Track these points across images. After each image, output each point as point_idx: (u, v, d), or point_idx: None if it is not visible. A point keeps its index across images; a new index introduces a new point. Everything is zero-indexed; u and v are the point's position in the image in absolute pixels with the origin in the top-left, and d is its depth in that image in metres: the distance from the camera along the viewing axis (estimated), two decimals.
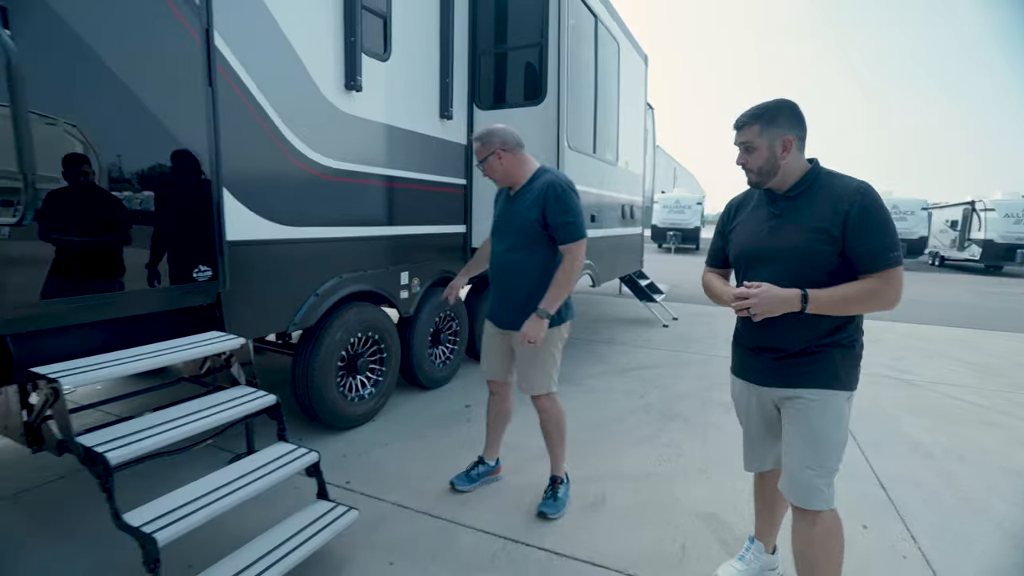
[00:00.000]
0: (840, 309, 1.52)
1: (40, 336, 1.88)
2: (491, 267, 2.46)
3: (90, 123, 1.93)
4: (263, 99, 2.54)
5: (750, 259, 1.69)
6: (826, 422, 1.59)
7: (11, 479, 2.63)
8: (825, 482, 1.58)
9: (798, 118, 1.58)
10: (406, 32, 3.46)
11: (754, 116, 1.60)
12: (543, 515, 2.39)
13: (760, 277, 1.59)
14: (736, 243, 1.75)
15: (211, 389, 2.39)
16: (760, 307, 1.54)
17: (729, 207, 1.85)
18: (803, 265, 1.54)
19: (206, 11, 2.24)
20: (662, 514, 2.47)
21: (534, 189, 2.28)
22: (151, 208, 2.15)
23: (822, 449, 1.58)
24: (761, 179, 1.63)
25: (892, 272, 1.48)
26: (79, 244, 1.95)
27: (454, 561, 2.11)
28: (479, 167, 2.40)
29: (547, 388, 2.40)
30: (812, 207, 1.55)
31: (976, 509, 2.56)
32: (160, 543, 1.60)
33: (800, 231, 1.56)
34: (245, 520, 2.19)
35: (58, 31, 1.80)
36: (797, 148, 1.59)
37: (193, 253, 2.31)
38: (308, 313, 2.90)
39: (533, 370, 2.37)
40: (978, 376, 4.93)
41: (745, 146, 1.62)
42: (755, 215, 1.70)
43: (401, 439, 3.23)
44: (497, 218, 2.47)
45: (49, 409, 1.79)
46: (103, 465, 1.67)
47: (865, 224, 1.48)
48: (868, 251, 1.48)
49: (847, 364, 1.59)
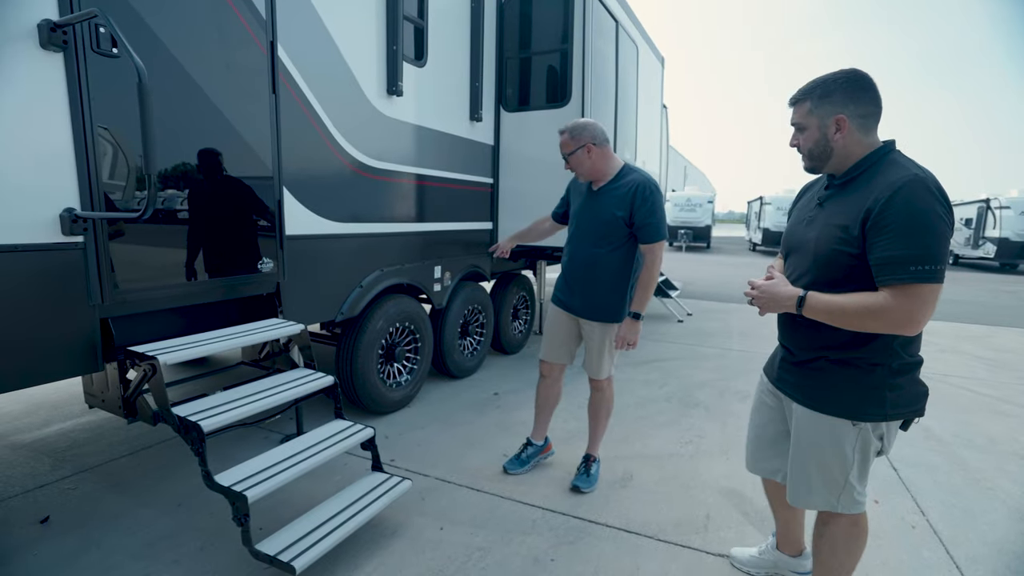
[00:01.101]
0: (836, 321, 1.32)
1: (134, 319, 2.11)
2: (570, 258, 2.55)
3: (174, 130, 2.16)
4: (317, 104, 2.75)
5: (787, 248, 1.58)
6: (820, 449, 1.45)
7: (86, 455, 2.88)
8: (833, 492, 1.46)
9: (859, 92, 1.35)
10: (440, 39, 3.67)
11: (806, 92, 1.41)
12: (576, 488, 2.59)
13: (790, 268, 1.51)
14: (786, 228, 1.63)
15: (270, 371, 2.62)
16: (760, 302, 1.45)
17: (802, 189, 1.68)
18: (821, 263, 1.38)
19: (271, 25, 2.46)
20: (686, 489, 2.66)
21: (622, 187, 2.37)
22: (224, 207, 2.38)
23: (820, 473, 1.47)
24: (814, 163, 1.45)
25: (909, 289, 1.21)
26: (165, 239, 2.18)
27: (498, 527, 2.31)
28: (565, 159, 2.44)
29: (609, 372, 2.61)
30: (851, 199, 1.34)
31: (983, 488, 2.72)
32: (250, 500, 1.82)
33: (827, 226, 1.38)
34: (303, 492, 2.42)
35: (151, 46, 2.02)
36: (857, 128, 1.35)
37: (258, 247, 2.53)
38: (353, 303, 3.12)
39: (601, 357, 2.54)
40: (990, 369, 5.06)
41: (797, 126, 1.45)
42: (809, 202, 1.54)
43: (437, 422, 3.44)
44: (579, 211, 2.53)
45: (146, 384, 2.01)
46: (197, 432, 1.88)
47: (885, 225, 1.23)
48: (884, 259, 1.24)
49: (856, 389, 1.38)
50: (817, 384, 1.46)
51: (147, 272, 2.11)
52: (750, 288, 1.48)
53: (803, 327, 1.44)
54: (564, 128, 2.43)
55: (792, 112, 1.47)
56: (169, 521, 2.29)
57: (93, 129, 1.84)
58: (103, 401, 2.18)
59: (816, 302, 1.35)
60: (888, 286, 1.25)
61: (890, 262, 1.23)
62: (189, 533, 2.21)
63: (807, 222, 1.49)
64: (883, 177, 1.30)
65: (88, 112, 1.82)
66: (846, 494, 1.47)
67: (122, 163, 1.96)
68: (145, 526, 2.26)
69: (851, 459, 1.44)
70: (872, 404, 1.39)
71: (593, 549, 2.17)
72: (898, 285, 1.23)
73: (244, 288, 2.52)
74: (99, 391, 2.19)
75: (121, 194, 1.95)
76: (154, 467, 2.77)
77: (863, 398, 1.39)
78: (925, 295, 1.22)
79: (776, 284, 1.43)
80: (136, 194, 1.98)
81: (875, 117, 1.37)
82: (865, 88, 1.35)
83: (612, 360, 2.58)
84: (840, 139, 1.38)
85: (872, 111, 1.36)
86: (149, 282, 2.12)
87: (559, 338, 2.67)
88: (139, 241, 2.08)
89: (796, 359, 1.53)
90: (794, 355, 1.54)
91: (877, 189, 1.28)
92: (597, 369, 2.58)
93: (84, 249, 1.88)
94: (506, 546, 2.18)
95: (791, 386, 1.56)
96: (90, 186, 1.85)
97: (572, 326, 2.63)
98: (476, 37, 4.03)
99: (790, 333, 1.54)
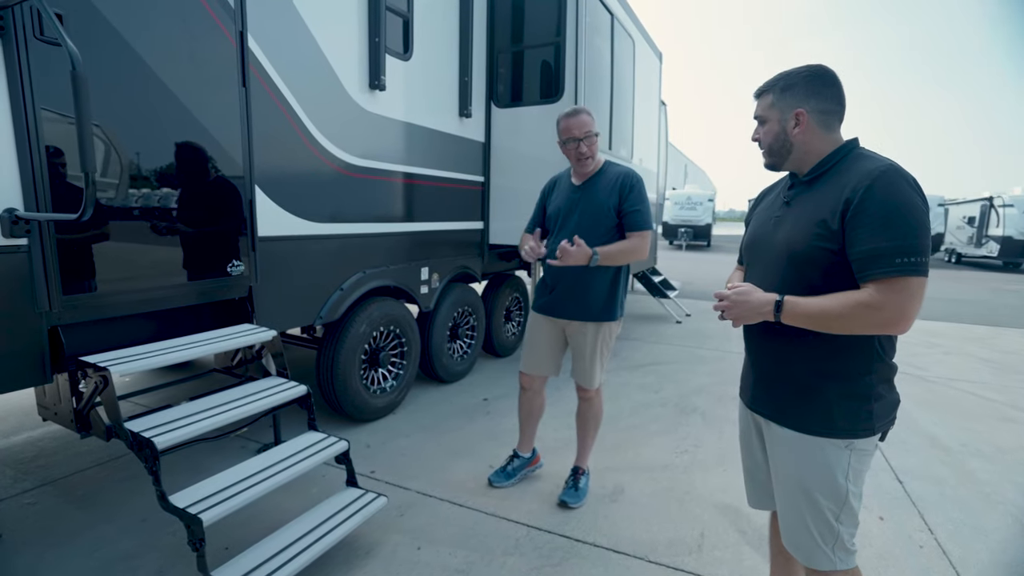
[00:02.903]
0: (820, 325, 1.21)
1: (87, 327, 1.97)
2: (553, 256, 2.30)
3: (132, 124, 2.02)
4: (292, 99, 2.62)
5: (752, 254, 1.47)
6: (809, 472, 1.30)
7: (51, 466, 2.75)
8: (826, 539, 1.31)
9: (821, 87, 1.30)
10: (427, 32, 3.52)
11: (769, 85, 1.36)
12: (564, 504, 2.45)
13: (754, 276, 1.39)
14: (746, 235, 1.53)
15: (242, 380, 2.48)
16: (733, 312, 1.31)
17: (759, 195, 1.61)
18: (797, 264, 1.28)
19: (240, 14, 2.32)
20: (680, 504, 2.52)
21: (609, 178, 2.33)
22: (190, 206, 2.24)
23: (811, 509, 1.31)
24: (773, 159, 1.39)
25: (896, 283, 1.12)
26: (123, 240, 2.04)
27: (479, 546, 2.18)
28: (577, 142, 2.28)
29: (600, 380, 2.46)
30: (823, 194, 1.27)
31: (993, 502, 2.59)
32: (205, 523, 1.68)
33: (800, 223, 1.29)
34: (276, 507, 2.29)
35: (105, 36, 1.88)
36: (817, 123, 1.30)
37: (227, 249, 2.39)
38: (333, 307, 2.98)
39: (593, 364, 2.40)
40: (995, 373, 4.92)
41: (759, 119, 1.40)
42: (772, 203, 1.46)
43: (422, 430, 3.30)
44: (565, 207, 2.39)
45: (98, 396, 1.88)
46: (150, 449, 1.75)
47: (865, 216, 1.15)
48: (866, 252, 1.15)
49: (844, 402, 1.27)
50: (800, 400, 1.32)
51: (103, 277, 1.97)
52: (718, 300, 1.34)
53: (780, 337, 1.31)
54: (580, 109, 2.34)
55: (755, 105, 1.41)
56: (130, 540, 2.16)
57: (38, 123, 1.71)
58: (56, 414, 2.05)
59: (795, 306, 1.23)
60: (873, 280, 1.15)
61: (874, 255, 1.15)
62: (150, 554, 2.08)
63: (774, 223, 1.39)
64: (856, 169, 1.23)
65: (32, 104, 1.69)
66: (840, 543, 1.30)
67: (74, 160, 1.82)
68: (105, 544, 2.13)
69: (843, 489, 1.28)
70: (862, 418, 1.27)
71: (579, 571, 2.03)
72: (884, 279, 1.14)
73: (212, 292, 2.39)
74: (52, 403, 2.06)
75: (72, 194, 1.81)
76: (123, 478, 2.64)
77: (852, 412, 1.27)
78: (913, 289, 1.13)
79: (747, 291, 1.30)
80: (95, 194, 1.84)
81: (836, 114, 1.32)
82: (827, 84, 1.30)
83: (604, 367, 2.44)
84: (799, 134, 1.32)
85: (833, 108, 1.31)
86: (106, 287, 1.98)
87: (543, 348, 2.52)
88: (93, 244, 1.94)
89: (773, 374, 1.39)
90: (770, 370, 1.40)
91: (854, 179, 1.20)
92: (589, 377, 2.43)
93: (29, 252, 1.74)
94: (486, 567, 2.05)
95: (769, 406, 1.40)
96: (34, 185, 1.72)
97: (557, 334, 2.49)
98: (465, 30, 3.88)
99: (764, 345, 1.40)
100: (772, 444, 1.41)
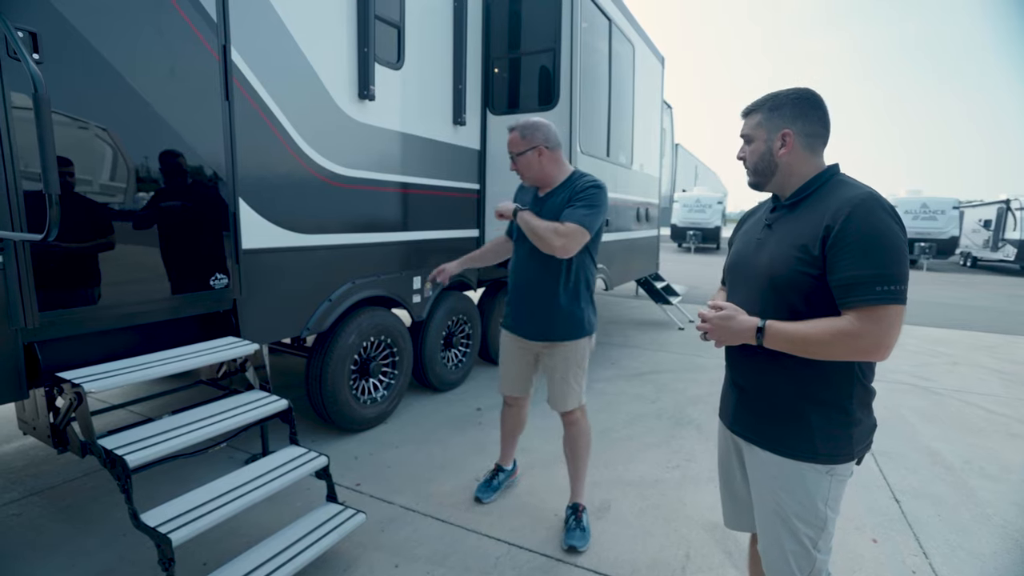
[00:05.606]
0: (801, 350, 1.22)
1: (65, 342, 1.97)
2: (515, 274, 2.34)
3: (112, 138, 2.02)
4: (278, 111, 2.61)
5: (734, 275, 1.48)
6: (790, 498, 1.29)
7: (40, 475, 2.76)
8: (803, 567, 1.30)
9: (809, 110, 1.31)
10: (419, 40, 3.51)
11: (758, 104, 1.37)
12: (573, 549, 2.22)
13: (737, 298, 1.40)
14: (729, 257, 1.54)
15: (227, 392, 2.47)
16: (715, 335, 1.32)
17: (742, 217, 1.63)
18: (779, 289, 1.28)
19: (223, 28, 2.32)
20: (667, 522, 2.47)
21: (574, 188, 2.19)
22: (171, 219, 2.23)
23: (785, 529, 1.31)
24: (757, 178, 1.40)
25: (875, 312, 1.13)
26: (102, 254, 2.04)
27: (458, 564, 2.15)
28: (512, 159, 2.25)
29: (579, 401, 2.33)
30: (804, 219, 1.28)
31: (994, 526, 2.50)
32: (175, 543, 1.67)
33: (781, 247, 1.29)
34: (257, 520, 2.28)
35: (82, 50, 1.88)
36: (802, 146, 1.31)
37: (210, 262, 2.39)
38: (321, 318, 2.97)
39: (565, 385, 2.29)
40: (1005, 384, 4.78)
41: (745, 138, 1.40)
42: (754, 226, 1.46)
43: (412, 441, 3.28)
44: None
45: (73, 413, 1.88)
46: (122, 467, 1.74)
47: (845, 244, 1.16)
48: (846, 279, 1.16)
49: (826, 426, 1.27)
50: (781, 424, 1.32)
51: (82, 292, 1.97)
52: (701, 321, 1.35)
53: (762, 360, 1.31)
54: (514, 126, 2.23)
55: (743, 124, 1.41)
56: (110, 553, 2.16)
57: (11, 139, 1.71)
58: (35, 428, 2.06)
59: (777, 331, 1.24)
60: (853, 308, 1.16)
61: (854, 282, 1.16)
62: (126, 569, 2.07)
63: (756, 245, 1.39)
64: (836, 196, 1.24)
65: (5, 121, 1.69)
66: (815, 572, 1.29)
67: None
68: (83, 558, 2.13)
69: (823, 516, 1.28)
70: (842, 443, 1.27)
71: None
72: (864, 307, 1.15)
73: (195, 306, 2.38)
74: (30, 418, 2.07)
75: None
76: (110, 489, 2.63)
77: (833, 437, 1.26)
78: (892, 317, 1.14)
79: (730, 315, 1.30)
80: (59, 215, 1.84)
81: (822, 138, 1.33)
82: (814, 107, 1.32)
83: (581, 386, 2.33)
84: (785, 155, 1.33)
85: (819, 131, 1.32)
86: (85, 302, 1.98)
87: (514, 370, 2.45)
88: (72, 259, 1.94)
89: (754, 396, 1.38)
90: (751, 392, 1.39)
91: (834, 206, 1.21)
92: (563, 401, 2.32)
93: (3, 270, 1.74)
94: None
95: (750, 428, 1.40)
96: (8, 202, 1.72)
97: (526, 355, 2.41)
98: (459, 38, 3.86)
99: (746, 367, 1.40)
100: (752, 467, 1.41)
